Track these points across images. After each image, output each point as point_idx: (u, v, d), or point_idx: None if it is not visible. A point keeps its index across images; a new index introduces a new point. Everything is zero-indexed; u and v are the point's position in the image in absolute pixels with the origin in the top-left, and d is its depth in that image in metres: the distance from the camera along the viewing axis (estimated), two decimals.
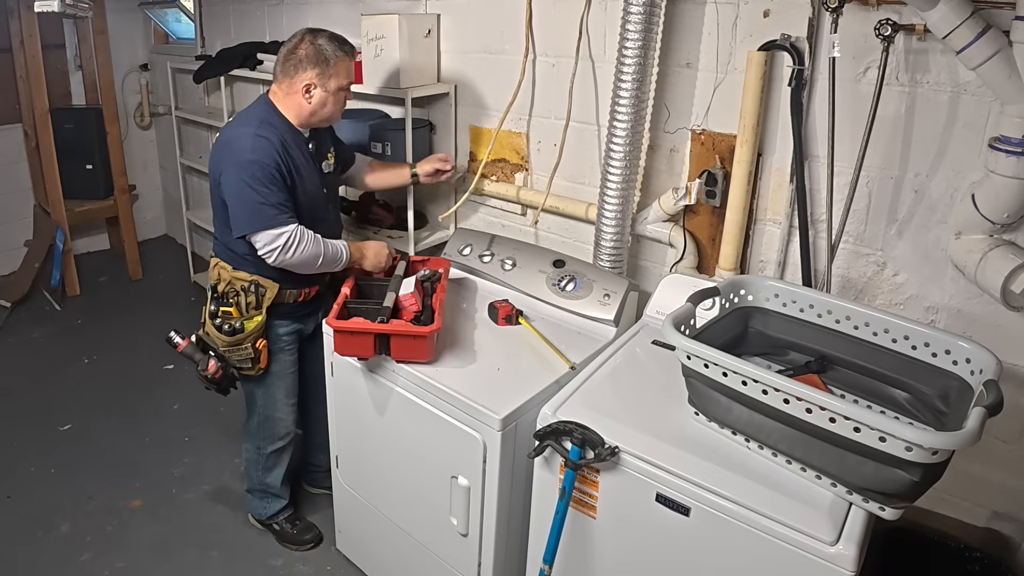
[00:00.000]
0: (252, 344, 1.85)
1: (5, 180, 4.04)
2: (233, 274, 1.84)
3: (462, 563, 1.67)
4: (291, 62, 1.77)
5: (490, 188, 2.44)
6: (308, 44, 1.77)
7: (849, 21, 1.60)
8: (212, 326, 1.83)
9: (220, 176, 1.75)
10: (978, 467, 1.65)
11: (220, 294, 1.86)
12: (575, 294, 1.86)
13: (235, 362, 1.86)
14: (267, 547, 2.20)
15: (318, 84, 1.77)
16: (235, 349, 1.84)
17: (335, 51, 1.78)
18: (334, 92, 1.80)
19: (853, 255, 1.76)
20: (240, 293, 1.83)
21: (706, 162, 1.94)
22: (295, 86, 1.78)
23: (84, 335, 3.52)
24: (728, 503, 1.20)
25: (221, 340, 1.82)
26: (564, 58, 2.14)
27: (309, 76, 1.76)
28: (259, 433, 2.07)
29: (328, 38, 1.79)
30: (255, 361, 1.87)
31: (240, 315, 1.85)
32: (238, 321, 1.83)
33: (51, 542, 2.20)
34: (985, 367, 1.20)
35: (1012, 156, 1.36)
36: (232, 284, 1.84)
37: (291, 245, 1.73)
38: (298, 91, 1.78)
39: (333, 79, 1.78)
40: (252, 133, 1.73)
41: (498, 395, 1.53)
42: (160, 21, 4.46)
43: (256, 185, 1.69)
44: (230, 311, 1.84)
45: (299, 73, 1.77)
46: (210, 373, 1.83)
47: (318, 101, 1.79)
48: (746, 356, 1.43)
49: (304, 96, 1.78)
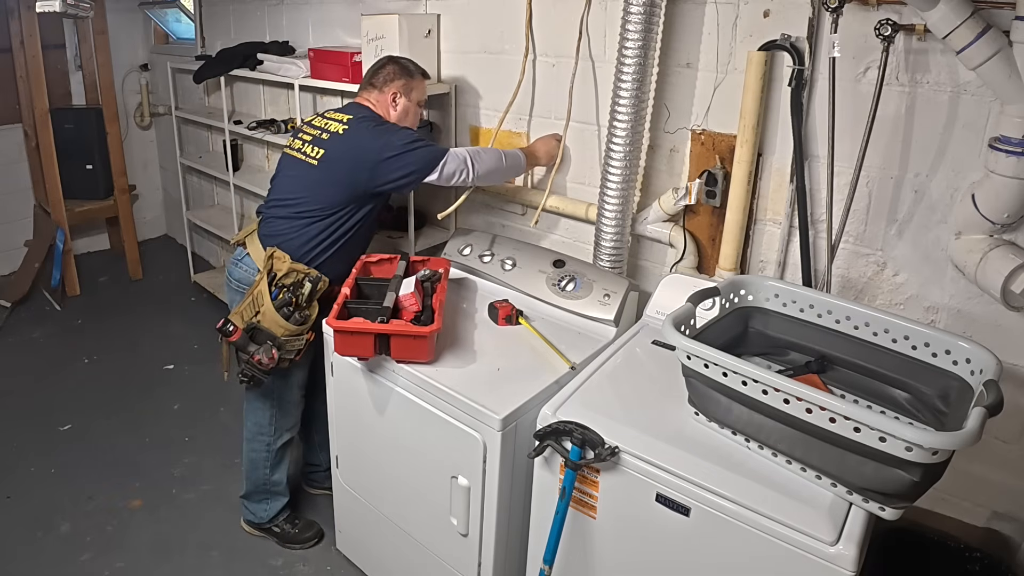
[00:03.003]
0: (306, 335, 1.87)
1: (5, 180, 4.04)
2: (293, 265, 1.87)
3: (462, 563, 1.67)
4: (381, 76, 2.01)
5: (490, 188, 2.44)
6: (392, 64, 2.03)
7: (849, 21, 1.60)
8: (278, 315, 1.81)
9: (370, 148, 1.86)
10: (978, 467, 1.65)
11: (288, 284, 1.86)
12: (575, 294, 1.86)
13: (286, 352, 1.86)
14: (267, 547, 2.20)
15: (403, 93, 2.01)
16: (293, 339, 1.85)
17: (417, 70, 2.05)
18: (415, 104, 2.04)
19: (853, 255, 1.76)
20: (301, 284, 1.87)
21: (706, 162, 1.94)
22: (384, 97, 2.00)
23: (84, 335, 3.52)
24: (728, 503, 1.20)
25: (287, 329, 1.82)
26: (564, 58, 2.14)
27: (397, 86, 2.00)
28: (269, 427, 2.07)
29: (410, 62, 2.06)
30: (299, 352, 1.88)
31: (299, 306, 1.86)
32: (303, 311, 1.86)
33: (51, 542, 2.20)
34: (985, 367, 1.20)
35: (1012, 156, 1.36)
36: (291, 274, 1.87)
37: (470, 161, 1.91)
38: (387, 99, 2.00)
39: (415, 91, 2.03)
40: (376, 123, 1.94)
41: (498, 395, 1.53)
42: (160, 21, 4.46)
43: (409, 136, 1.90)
44: (292, 300, 1.85)
45: (388, 85, 2.00)
46: (270, 362, 1.80)
47: (403, 109, 2.01)
48: (746, 356, 1.43)
49: (391, 104, 2.00)
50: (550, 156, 2.15)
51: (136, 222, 4.29)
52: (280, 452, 2.11)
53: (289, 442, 2.12)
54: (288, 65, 2.85)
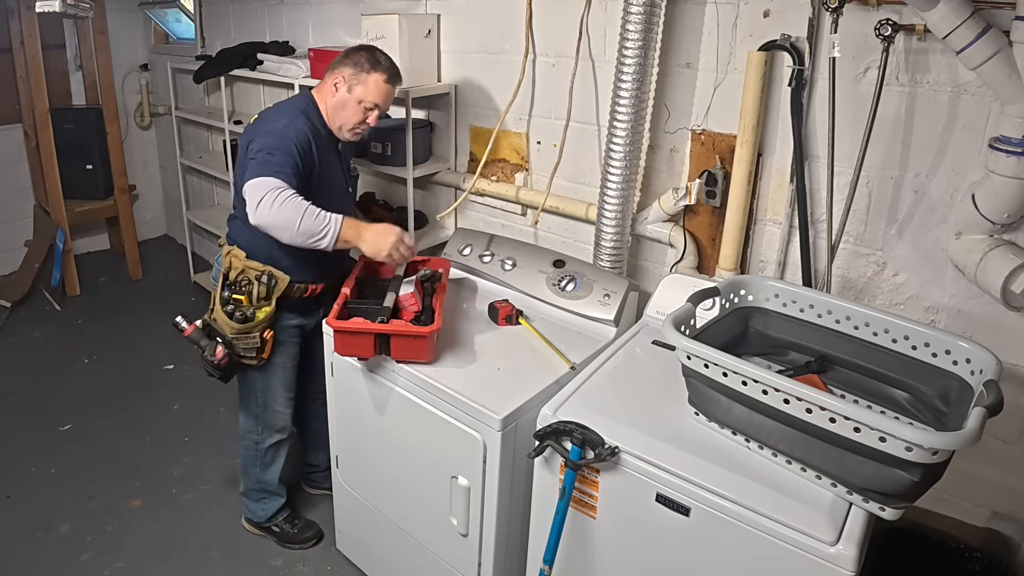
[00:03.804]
0: (260, 333, 1.85)
1: (5, 180, 4.04)
2: (246, 262, 1.85)
3: (462, 563, 1.67)
4: (341, 58, 1.86)
5: (490, 188, 2.44)
6: (365, 51, 1.87)
7: (849, 21, 1.60)
8: (223, 313, 1.83)
9: (248, 145, 1.77)
10: (978, 467, 1.65)
11: (232, 281, 1.86)
12: (575, 294, 1.86)
13: (240, 350, 1.86)
14: (267, 547, 2.20)
15: (346, 83, 1.83)
16: (243, 337, 1.84)
17: (378, 66, 1.84)
18: (355, 100, 1.83)
19: (853, 255, 1.76)
20: (252, 282, 1.84)
21: (706, 162, 1.94)
22: (328, 79, 1.86)
23: (84, 335, 3.52)
24: (728, 503, 1.20)
25: (231, 327, 1.82)
26: (564, 58, 2.14)
27: (343, 73, 1.84)
28: (256, 426, 2.07)
29: (385, 57, 1.87)
30: (259, 351, 1.88)
31: (250, 304, 1.85)
32: (249, 309, 1.84)
33: (51, 542, 2.20)
34: (985, 367, 1.20)
35: (1012, 156, 1.37)
36: (245, 272, 1.85)
37: (273, 197, 1.63)
38: (329, 84, 1.85)
39: (360, 86, 1.82)
40: (288, 119, 1.79)
41: (498, 395, 1.53)
42: (160, 21, 4.46)
43: (271, 149, 1.71)
44: (241, 299, 1.84)
45: (337, 68, 1.85)
46: (217, 359, 1.83)
47: (339, 101, 1.84)
48: (746, 356, 1.43)
49: (332, 89, 1.85)
50: (378, 249, 1.70)
51: (136, 222, 4.29)
52: (270, 452, 2.11)
53: (279, 443, 2.11)
54: (288, 65, 2.85)
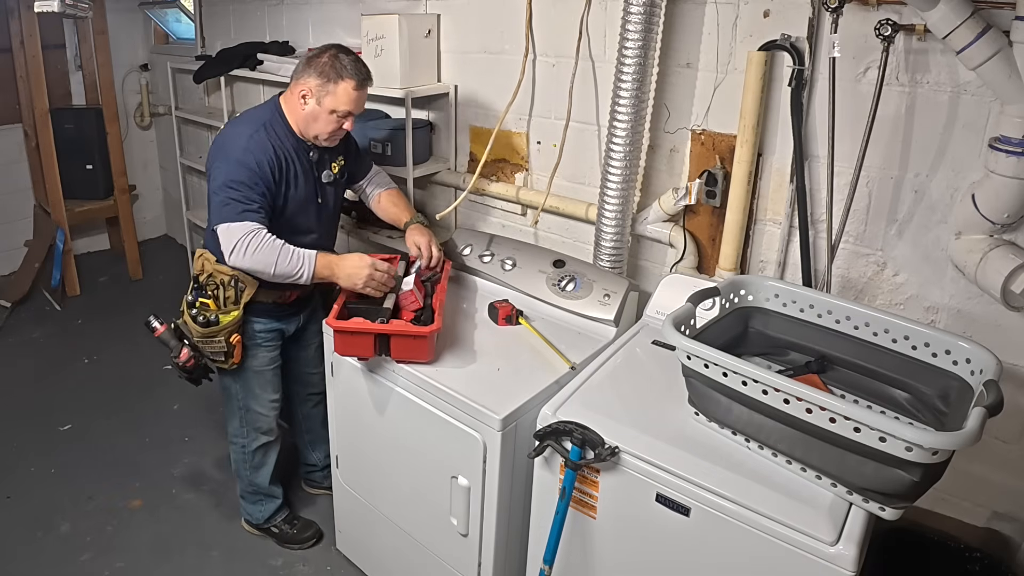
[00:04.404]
0: (226, 338, 1.85)
1: (5, 180, 4.04)
2: (216, 267, 1.83)
3: (462, 563, 1.67)
4: (304, 65, 1.76)
5: (490, 188, 2.44)
6: (328, 56, 1.75)
7: (849, 21, 1.60)
8: (188, 316, 1.84)
9: (211, 172, 1.76)
10: (978, 467, 1.65)
11: (200, 285, 1.86)
12: (575, 294, 1.86)
13: (208, 354, 1.87)
14: (267, 547, 2.20)
15: (314, 95, 1.75)
16: (208, 341, 1.84)
17: (345, 73, 1.73)
18: (326, 111, 1.76)
19: (853, 255, 1.76)
20: (220, 286, 1.83)
21: (706, 162, 1.94)
22: (295, 89, 1.78)
23: (84, 335, 3.52)
24: (728, 503, 1.20)
25: (196, 331, 1.83)
26: (564, 58, 2.14)
27: (309, 84, 1.75)
28: (241, 429, 2.07)
29: (351, 61, 1.76)
30: (228, 355, 1.87)
31: (217, 308, 1.84)
32: (213, 314, 1.83)
33: (51, 542, 2.20)
34: (985, 367, 1.20)
35: (1012, 156, 1.36)
36: (213, 276, 1.84)
37: (246, 243, 1.67)
38: (296, 95, 1.77)
39: (329, 97, 1.74)
40: (249, 134, 1.74)
41: (498, 395, 1.53)
42: (160, 21, 4.46)
43: (235, 183, 1.68)
44: (208, 303, 1.84)
45: (303, 78, 1.76)
46: (182, 361, 1.85)
47: (309, 113, 1.77)
48: (746, 356, 1.43)
49: (300, 101, 1.77)
50: (353, 283, 1.73)
51: (136, 222, 4.29)
52: (258, 455, 2.10)
53: (266, 445, 2.10)
54: (288, 65, 2.84)
